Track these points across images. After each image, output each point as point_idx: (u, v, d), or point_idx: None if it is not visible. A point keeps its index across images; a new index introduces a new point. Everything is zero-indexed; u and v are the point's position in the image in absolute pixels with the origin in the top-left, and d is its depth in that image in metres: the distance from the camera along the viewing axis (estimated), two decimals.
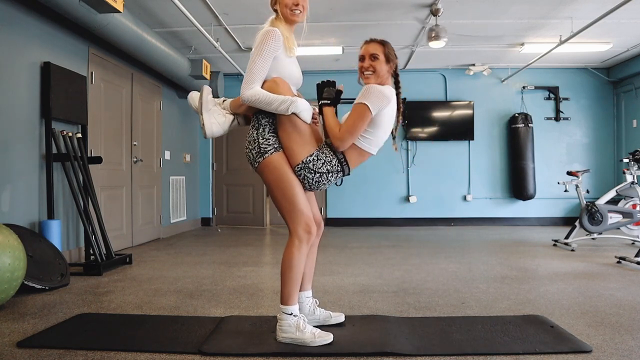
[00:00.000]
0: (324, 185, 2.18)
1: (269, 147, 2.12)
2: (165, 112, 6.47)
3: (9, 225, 3.16)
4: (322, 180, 2.15)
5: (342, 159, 2.17)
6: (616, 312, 2.60)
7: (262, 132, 2.14)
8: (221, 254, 4.91)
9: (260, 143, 2.13)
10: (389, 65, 2.23)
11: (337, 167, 2.16)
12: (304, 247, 2.13)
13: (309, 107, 2.12)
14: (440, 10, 4.80)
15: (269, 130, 2.14)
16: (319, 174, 2.13)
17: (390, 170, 7.63)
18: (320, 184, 2.16)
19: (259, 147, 2.13)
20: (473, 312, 2.66)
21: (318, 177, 2.13)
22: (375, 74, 2.20)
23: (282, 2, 2.17)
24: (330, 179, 2.16)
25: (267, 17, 2.26)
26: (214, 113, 2.26)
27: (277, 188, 2.13)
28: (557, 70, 7.49)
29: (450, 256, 4.61)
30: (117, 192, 5.12)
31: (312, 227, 2.14)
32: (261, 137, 2.14)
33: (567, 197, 6.94)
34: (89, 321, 2.50)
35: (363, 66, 2.21)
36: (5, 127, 3.49)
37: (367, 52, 2.21)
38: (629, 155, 5.01)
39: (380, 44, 2.22)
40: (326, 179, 2.15)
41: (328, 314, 2.38)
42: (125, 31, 4.39)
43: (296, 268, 2.10)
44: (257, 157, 2.13)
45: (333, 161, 2.15)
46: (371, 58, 2.20)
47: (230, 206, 7.85)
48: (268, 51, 2.07)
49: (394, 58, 2.23)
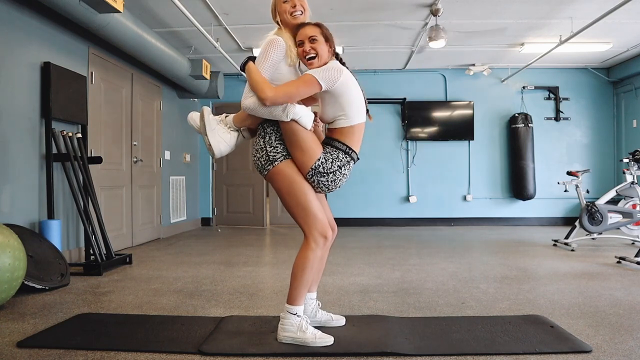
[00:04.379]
0: (341, 182, 2.16)
1: (278, 154, 2.12)
2: (165, 112, 6.47)
3: (9, 225, 3.16)
4: (337, 178, 2.13)
5: (346, 148, 2.14)
6: (616, 312, 2.60)
7: (269, 140, 2.14)
8: (221, 254, 4.91)
9: (269, 151, 2.13)
10: (328, 45, 2.16)
11: (345, 158, 2.13)
12: (319, 251, 2.12)
13: (308, 113, 2.11)
14: (440, 10, 4.80)
15: (275, 138, 2.14)
16: (332, 173, 2.11)
17: (390, 170, 7.64)
18: (337, 182, 2.14)
19: (267, 155, 2.13)
20: (473, 312, 2.66)
21: (332, 177, 2.11)
22: (318, 56, 2.13)
23: (281, 10, 2.17)
24: (344, 172, 2.14)
25: (267, 17, 2.26)
26: (219, 131, 2.21)
27: (289, 195, 2.12)
28: (557, 70, 7.49)
29: (450, 256, 4.61)
30: (117, 192, 5.12)
31: (327, 231, 2.14)
32: (269, 145, 2.14)
33: (567, 197, 6.95)
34: (89, 321, 2.50)
35: (304, 50, 2.13)
36: (5, 127, 3.49)
37: (304, 36, 2.13)
38: (629, 155, 5.01)
39: (315, 26, 2.16)
40: (341, 175, 2.13)
41: (329, 316, 2.39)
42: (125, 31, 4.39)
43: (309, 270, 2.10)
44: (266, 165, 2.13)
45: (340, 155, 2.13)
46: (310, 41, 2.12)
47: (230, 206, 7.85)
48: (270, 60, 2.07)
49: (331, 37, 2.18)
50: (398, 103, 7.59)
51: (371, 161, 7.40)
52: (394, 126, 7.64)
